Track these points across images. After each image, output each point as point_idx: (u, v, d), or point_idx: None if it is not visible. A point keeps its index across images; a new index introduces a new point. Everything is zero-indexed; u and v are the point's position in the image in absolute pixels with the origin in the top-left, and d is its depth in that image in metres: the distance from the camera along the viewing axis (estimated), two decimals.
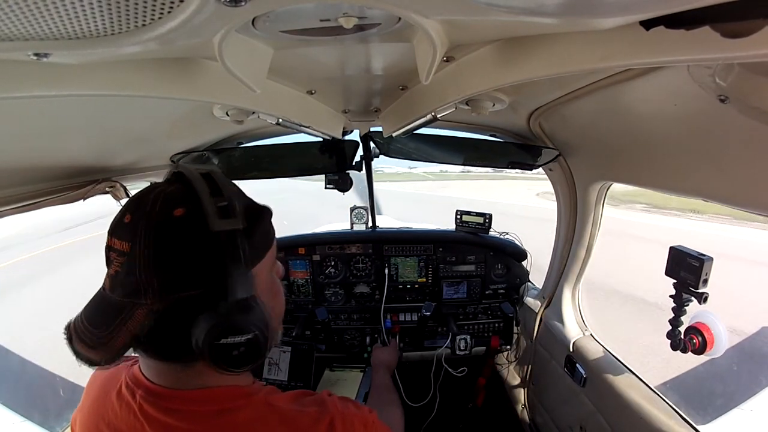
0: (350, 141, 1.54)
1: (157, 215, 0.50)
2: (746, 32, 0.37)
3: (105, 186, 1.14)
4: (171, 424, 0.54)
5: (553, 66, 0.60)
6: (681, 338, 1.05)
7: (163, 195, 0.52)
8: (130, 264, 0.49)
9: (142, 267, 0.48)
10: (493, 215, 2.02)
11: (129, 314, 0.49)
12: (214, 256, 0.49)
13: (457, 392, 1.98)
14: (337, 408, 0.62)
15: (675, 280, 1.03)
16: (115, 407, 0.58)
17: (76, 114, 0.80)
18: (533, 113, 1.17)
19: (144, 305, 0.49)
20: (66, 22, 0.38)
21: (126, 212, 0.52)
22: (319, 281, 2.01)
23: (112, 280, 0.51)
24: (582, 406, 1.42)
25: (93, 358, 0.50)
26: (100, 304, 0.53)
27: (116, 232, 0.51)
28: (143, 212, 0.50)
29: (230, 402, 0.57)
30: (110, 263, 0.51)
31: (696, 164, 0.82)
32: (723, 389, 3.09)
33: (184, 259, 0.50)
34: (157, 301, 0.49)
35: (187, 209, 0.50)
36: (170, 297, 0.49)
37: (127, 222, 0.50)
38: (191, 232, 0.50)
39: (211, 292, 0.50)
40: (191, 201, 0.50)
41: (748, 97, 0.57)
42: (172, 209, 0.50)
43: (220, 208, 0.50)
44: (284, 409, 0.58)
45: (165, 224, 0.49)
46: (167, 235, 0.49)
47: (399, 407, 1.09)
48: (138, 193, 0.55)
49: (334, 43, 0.67)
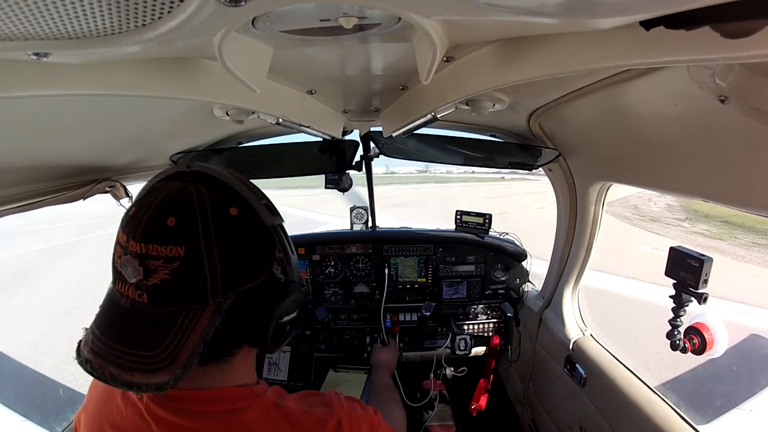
0: (350, 141, 1.54)
1: (213, 216, 0.50)
2: (746, 32, 0.37)
3: (105, 185, 1.14)
4: (180, 424, 0.54)
5: (553, 66, 0.60)
6: (680, 338, 1.05)
7: (206, 196, 0.51)
8: (191, 266, 0.47)
9: (210, 267, 0.48)
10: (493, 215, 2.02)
11: (193, 320, 0.48)
12: (272, 248, 0.56)
13: (456, 392, 1.98)
14: (344, 409, 0.62)
15: (675, 281, 1.03)
16: (121, 408, 0.58)
17: (76, 114, 0.80)
18: (533, 113, 1.17)
19: (210, 306, 0.49)
20: (66, 22, 0.38)
21: (166, 216, 0.48)
22: (319, 281, 2.01)
23: (158, 290, 0.47)
24: (582, 406, 1.42)
25: (161, 382, 0.45)
26: (134, 322, 0.48)
27: (157, 238, 0.47)
28: (193, 214, 0.49)
29: (240, 402, 0.57)
30: (150, 272, 0.47)
31: (696, 165, 0.82)
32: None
33: (247, 254, 0.53)
34: (226, 298, 0.50)
35: (239, 208, 0.53)
36: (236, 292, 0.52)
37: (172, 226, 0.48)
38: (249, 228, 0.53)
39: (269, 280, 0.56)
40: (237, 200, 0.53)
41: (748, 98, 0.57)
42: (226, 209, 0.52)
43: (266, 205, 0.55)
44: (292, 410, 0.59)
45: (225, 223, 0.51)
46: (229, 232, 0.51)
47: (400, 406, 1.09)
48: (164, 194, 0.50)
49: (334, 43, 0.67)
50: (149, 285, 0.47)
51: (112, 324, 0.49)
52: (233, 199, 0.53)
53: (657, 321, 1.56)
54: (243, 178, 0.57)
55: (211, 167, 0.55)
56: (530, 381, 1.87)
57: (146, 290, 0.48)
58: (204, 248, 0.48)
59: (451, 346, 1.87)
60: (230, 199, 0.53)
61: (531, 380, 1.86)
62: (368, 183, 2.10)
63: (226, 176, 0.54)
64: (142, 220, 0.48)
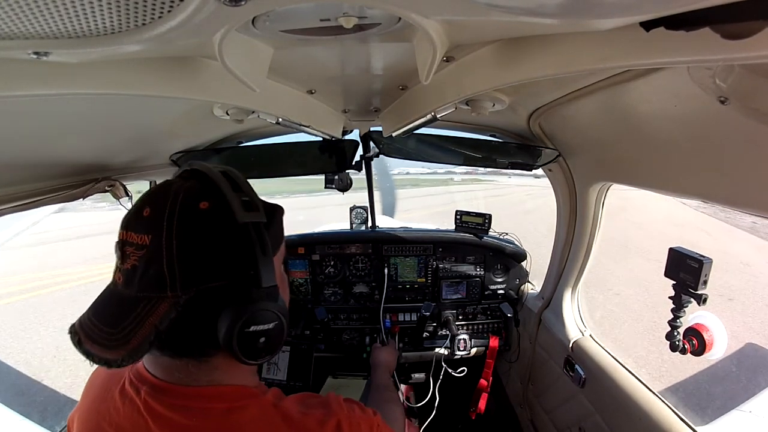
0: (350, 141, 1.54)
1: (181, 208, 0.50)
2: (746, 33, 0.37)
3: (105, 185, 1.14)
4: (177, 420, 0.54)
5: (553, 66, 0.60)
6: (680, 339, 1.05)
7: (184, 189, 0.52)
8: (152, 256, 0.49)
9: (168, 259, 0.49)
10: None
11: (150, 309, 0.49)
12: (241, 247, 0.52)
13: (456, 393, 1.98)
14: (343, 410, 0.62)
15: (674, 282, 1.03)
16: (118, 405, 0.58)
17: (76, 113, 0.80)
18: (533, 113, 1.17)
19: (167, 298, 0.49)
20: (66, 21, 0.38)
21: (144, 206, 0.51)
22: (319, 281, 2.01)
23: (128, 275, 0.50)
24: (581, 407, 1.42)
25: (110, 358, 0.47)
26: (112, 301, 0.51)
27: (133, 226, 0.51)
28: (164, 205, 0.50)
29: (238, 401, 0.57)
30: (126, 258, 0.50)
31: (696, 165, 0.82)
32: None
33: (211, 250, 0.51)
34: (183, 293, 0.49)
35: (212, 203, 0.52)
36: (196, 288, 0.50)
37: (146, 215, 0.50)
38: (218, 224, 0.51)
39: (237, 282, 0.52)
40: (214, 195, 0.52)
41: (748, 99, 0.57)
42: (196, 202, 0.51)
43: (243, 201, 0.53)
44: (290, 411, 0.59)
45: (191, 216, 0.50)
46: (194, 226, 0.50)
47: (399, 406, 1.10)
48: (155, 188, 0.55)
49: (334, 42, 0.67)
50: (124, 269, 0.51)
51: (99, 301, 0.53)
52: (208, 193, 0.53)
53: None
54: (235, 173, 0.56)
55: (208, 164, 0.56)
56: (530, 381, 1.87)
57: (123, 274, 0.51)
58: (164, 239, 0.49)
59: (451, 346, 1.87)
60: (204, 192, 0.53)
61: (530, 381, 1.86)
62: (368, 183, 2.10)
63: (212, 171, 0.54)
64: (130, 211, 0.53)
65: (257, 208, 0.54)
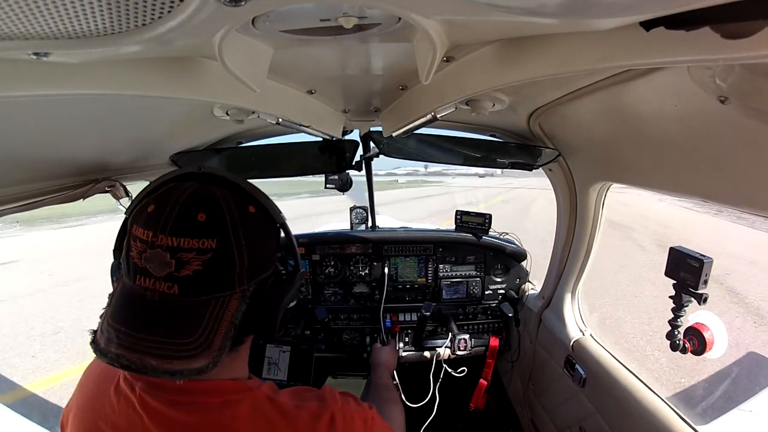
0: (350, 141, 1.54)
1: (239, 213, 0.55)
2: (746, 33, 0.37)
3: (105, 185, 1.14)
4: (173, 416, 0.54)
5: (553, 66, 0.60)
6: (680, 339, 1.05)
7: (229, 196, 0.56)
8: (222, 257, 0.52)
9: (239, 257, 0.53)
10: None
11: (223, 306, 0.52)
12: (278, 242, 0.64)
13: (456, 393, 1.98)
14: (337, 403, 0.63)
15: (675, 281, 1.03)
16: (113, 402, 0.58)
17: (76, 113, 0.80)
18: (533, 113, 1.17)
19: (237, 293, 0.54)
20: (66, 22, 0.38)
21: (195, 212, 0.52)
22: (319, 281, 2.01)
23: (190, 281, 0.50)
24: (581, 407, 1.42)
25: (199, 367, 0.48)
26: (170, 313, 0.50)
27: (189, 232, 0.50)
28: (221, 211, 0.53)
29: (234, 395, 0.57)
30: (183, 264, 0.50)
31: (696, 165, 0.82)
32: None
33: (264, 245, 0.59)
34: (250, 285, 0.56)
35: (256, 207, 0.59)
36: (256, 280, 0.57)
37: (203, 221, 0.52)
38: (265, 224, 0.60)
39: (277, 270, 0.62)
40: (252, 200, 0.59)
41: (748, 98, 0.57)
42: (246, 207, 0.57)
43: (273, 204, 0.62)
44: (285, 404, 0.59)
45: (247, 219, 0.56)
46: (252, 227, 0.56)
47: (399, 405, 1.09)
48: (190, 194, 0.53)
49: (334, 42, 0.67)
50: (181, 276, 0.50)
51: (138, 317, 0.50)
52: (249, 199, 0.59)
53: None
54: (249, 182, 0.62)
55: (220, 170, 0.60)
56: (530, 381, 1.87)
57: (177, 281, 0.50)
58: (233, 241, 0.53)
59: (451, 346, 1.87)
60: (247, 198, 0.59)
61: (531, 380, 1.86)
62: (368, 183, 2.10)
63: (237, 178, 0.60)
64: (171, 216, 0.51)
65: (280, 210, 0.63)
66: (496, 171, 58.02)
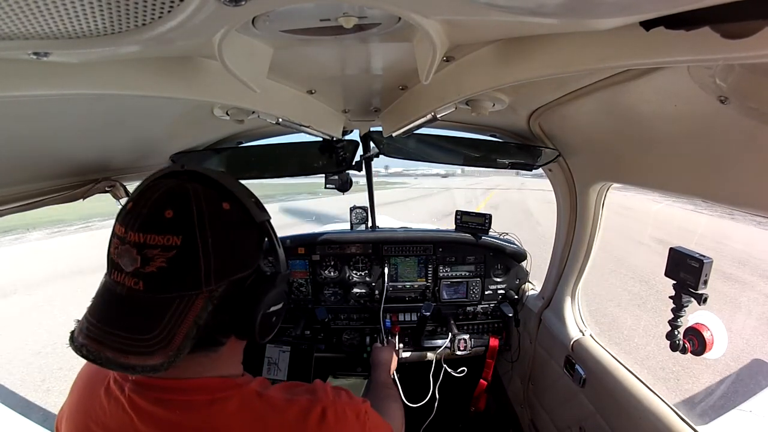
0: (350, 141, 1.54)
1: (208, 209, 0.53)
2: (746, 33, 0.37)
3: (105, 185, 1.14)
4: (161, 415, 0.54)
5: (553, 66, 0.60)
6: (680, 339, 1.05)
7: (201, 191, 0.54)
8: (186, 255, 0.50)
9: (204, 255, 0.51)
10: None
11: (187, 306, 0.50)
12: (260, 241, 0.61)
13: (456, 393, 1.98)
14: (329, 397, 0.62)
15: (674, 281, 1.03)
16: (104, 403, 0.58)
17: (76, 113, 0.80)
18: (533, 113, 1.17)
19: (203, 293, 0.52)
20: (66, 21, 0.38)
21: (164, 208, 0.51)
22: (319, 281, 2.01)
23: (154, 277, 0.49)
24: (581, 407, 1.42)
25: (155, 364, 0.47)
26: (133, 309, 0.50)
27: (155, 228, 0.50)
28: (189, 207, 0.52)
29: (222, 392, 0.57)
30: (148, 261, 0.49)
31: (696, 165, 0.82)
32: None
33: (238, 244, 0.56)
34: (218, 286, 0.53)
35: (231, 204, 0.56)
36: (228, 280, 0.54)
37: (170, 217, 0.50)
38: (240, 222, 0.57)
39: (258, 271, 0.59)
40: (229, 197, 0.57)
41: (748, 98, 0.57)
42: (219, 203, 0.55)
43: (254, 202, 0.60)
44: (275, 398, 0.59)
45: (218, 216, 0.54)
46: (222, 224, 0.54)
47: (398, 401, 1.09)
48: (163, 191, 0.53)
49: (334, 42, 0.67)
50: (146, 272, 0.50)
51: (107, 311, 0.51)
52: (225, 196, 0.57)
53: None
54: (233, 179, 0.60)
55: (203, 167, 0.58)
56: (530, 381, 1.87)
57: (142, 278, 0.50)
58: (199, 238, 0.51)
59: (451, 346, 1.87)
60: (223, 195, 0.56)
61: (531, 380, 1.86)
62: (368, 183, 2.10)
63: (219, 175, 0.57)
64: (141, 213, 0.51)
65: (265, 208, 0.61)
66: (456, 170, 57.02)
